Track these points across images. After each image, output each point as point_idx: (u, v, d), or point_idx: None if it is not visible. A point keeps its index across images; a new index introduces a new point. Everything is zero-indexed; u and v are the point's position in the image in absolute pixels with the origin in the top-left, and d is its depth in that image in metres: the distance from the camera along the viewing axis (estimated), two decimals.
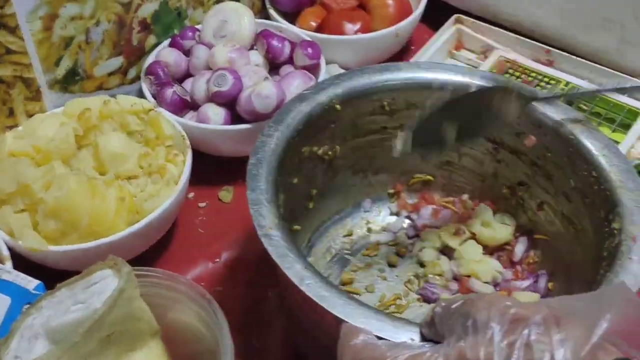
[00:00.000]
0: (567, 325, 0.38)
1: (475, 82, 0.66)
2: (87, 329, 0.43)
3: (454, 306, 0.42)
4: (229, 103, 0.75)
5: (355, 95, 0.66)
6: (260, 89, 0.73)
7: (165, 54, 0.80)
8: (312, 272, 0.50)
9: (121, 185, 0.67)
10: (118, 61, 0.80)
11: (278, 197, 0.58)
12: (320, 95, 0.65)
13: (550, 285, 0.64)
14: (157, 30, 0.83)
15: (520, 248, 0.68)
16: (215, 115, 0.75)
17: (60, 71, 0.75)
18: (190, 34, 0.83)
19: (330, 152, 0.68)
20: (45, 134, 0.71)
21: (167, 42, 0.83)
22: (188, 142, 0.72)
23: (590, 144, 0.60)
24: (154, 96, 0.78)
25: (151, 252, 0.70)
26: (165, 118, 0.73)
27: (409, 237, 0.72)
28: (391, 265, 0.69)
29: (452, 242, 0.68)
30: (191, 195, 0.78)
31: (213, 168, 0.79)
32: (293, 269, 0.50)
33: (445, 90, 0.65)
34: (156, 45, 0.83)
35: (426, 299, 0.66)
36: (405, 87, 0.67)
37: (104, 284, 0.46)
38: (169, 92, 0.76)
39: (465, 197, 0.72)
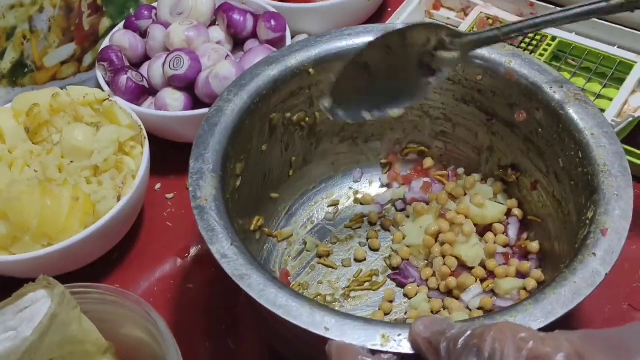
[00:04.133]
0: None
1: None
2: None
3: (461, 340, 0.38)
4: (188, 86, 0.70)
5: (331, 59, 0.61)
6: (219, 70, 0.68)
7: (119, 37, 0.75)
8: (238, 249, 0.48)
9: (75, 184, 0.62)
10: (70, 48, 0.75)
11: (230, 166, 0.55)
12: (290, 59, 0.61)
13: (538, 272, 0.59)
14: (110, 12, 0.77)
15: (513, 230, 0.63)
16: (174, 101, 0.70)
17: (6, 64, 0.70)
18: (146, 13, 0.78)
19: (307, 119, 0.64)
20: None
21: (122, 24, 0.78)
22: (145, 133, 0.67)
23: (580, 121, 0.55)
24: (109, 84, 0.73)
25: (116, 250, 0.67)
26: (120, 108, 0.68)
27: (397, 210, 0.67)
28: (371, 238, 0.65)
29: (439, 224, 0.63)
30: (158, 186, 0.74)
31: (179, 156, 0.73)
32: (217, 244, 0.48)
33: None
34: (112, 27, 0.78)
35: (399, 284, 0.62)
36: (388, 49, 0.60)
37: (36, 308, 0.42)
38: (123, 78, 0.71)
39: (460, 170, 0.67)
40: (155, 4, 0.79)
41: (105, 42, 0.76)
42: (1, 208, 0.59)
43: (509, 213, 0.63)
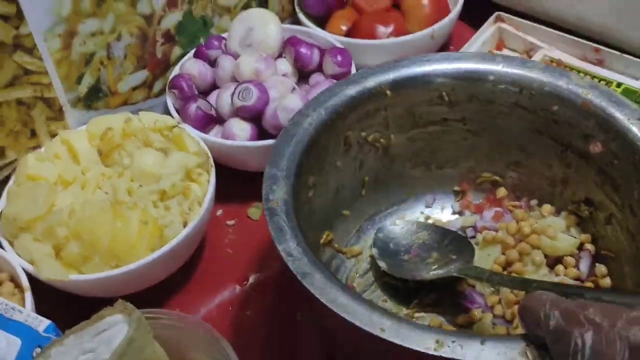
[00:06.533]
0: None
1: (533, 75, 0.61)
2: None
3: (553, 324, 0.39)
4: (255, 117, 0.72)
5: (407, 83, 0.63)
6: (287, 103, 0.69)
7: (189, 65, 0.77)
8: (303, 250, 0.49)
9: (144, 208, 0.64)
10: (143, 75, 0.77)
11: (303, 176, 0.57)
12: (367, 80, 0.63)
13: None
14: (182, 41, 0.80)
15: (584, 264, 0.62)
16: (240, 131, 0.72)
17: (82, 89, 0.73)
18: (215, 43, 0.80)
19: (382, 140, 0.65)
20: (67, 156, 0.70)
21: (192, 52, 0.80)
22: (212, 161, 0.69)
23: None
24: (178, 111, 0.75)
25: (177, 274, 0.68)
26: (189, 135, 0.70)
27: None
28: None
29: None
30: (219, 212, 0.75)
31: (241, 183, 0.76)
32: (285, 244, 0.50)
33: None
34: (182, 56, 0.81)
35: (464, 309, 0.62)
36: (464, 77, 0.63)
37: (113, 331, 0.43)
38: (192, 107, 0.73)
39: (534, 202, 0.67)
40: (225, 35, 0.81)
41: (176, 70, 0.79)
42: (75, 227, 0.61)
43: (581, 248, 0.63)
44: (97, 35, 0.71)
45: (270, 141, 0.70)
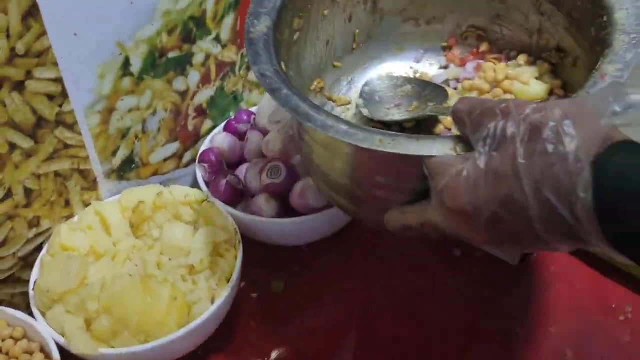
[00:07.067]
0: (577, 125, 0.41)
1: None
2: None
3: (474, 117, 0.46)
4: (283, 194, 0.74)
5: None
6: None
7: (219, 139, 0.80)
8: (275, 71, 0.55)
9: (173, 283, 0.66)
10: (174, 147, 0.80)
11: (285, 16, 0.62)
12: None
13: None
14: (213, 115, 0.83)
15: None
16: (268, 207, 0.74)
17: (117, 161, 0.75)
18: (245, 117, 0.83)
19: None
20: (99, 226, 0.72)
21: (222, 125, 0.83)
22: (239, 237, 0.71)
23: None
24: (207, 184, 0.77)
25: (199, 348, 0.69)
26: (217, 209, 0.73)
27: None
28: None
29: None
30: (242, 284, 0.77)
31: (265, 255, 0.78)
32: (260, 65, 0.56)
33: None
34: (212, 128, 0.83)
35: None
36: None
37: None
38: (222, 182, 0.75)
39: (513, 54, 0.71)
40: (254, 109, 0.84)
41: (206, 142, 0.81)
42: (106, 302, 0.63)
43: (552, 93, 0.66)
44: (134, 110, 0.73)
45: (297, 219, 0.72)
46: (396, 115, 0.67)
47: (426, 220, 0.50)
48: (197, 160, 0.79)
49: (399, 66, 0.74)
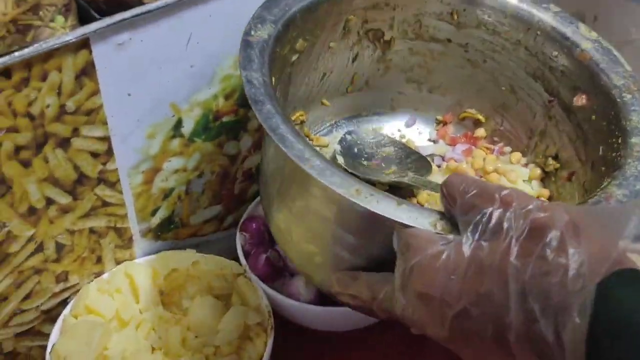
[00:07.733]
0: (585, 237, 0.36)
1: (544, 16, 0.63)
2: None
3: (468, 196, 0.41)
4: None
5: None
6: None
7: None
8: (264, 82, 0.50)
9: None
10: (216, 210, 0.77)
11: (290, 33, 0.58)
12: None
13: None
14: None
15: None
16: (305, 291, 0.69)
17: (155, 220, 0.72)
18: None
19: (382, 40, 0.66)
20: (128, 290, 0.68)
21: None
22: (272, 321, 0.66)
23: (633, 111, 0.55)
24: (246, 255, 0.73)
25: None
26: (253, 287, 0.69)
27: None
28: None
29: None
30: None
31: (296, 338, 0.73)
32: (249, 71, 0.51)
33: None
34: (258, 193, 0.79)
35: None
36: (480, 2, 0.64)
37: None
38: (262, 257, 0.71)
39: (507, 149, 0.68)
40: None
41: (252, 207, 0.77)
42: None
43: None
44: (180, 172, 0.70)
45: (332, 309, 0.68)
46: (372, 174, 0.63)
47: (380, 296, 0.44)
48: (238, 228, 0.75)
49: (388, 125, 0.71)
